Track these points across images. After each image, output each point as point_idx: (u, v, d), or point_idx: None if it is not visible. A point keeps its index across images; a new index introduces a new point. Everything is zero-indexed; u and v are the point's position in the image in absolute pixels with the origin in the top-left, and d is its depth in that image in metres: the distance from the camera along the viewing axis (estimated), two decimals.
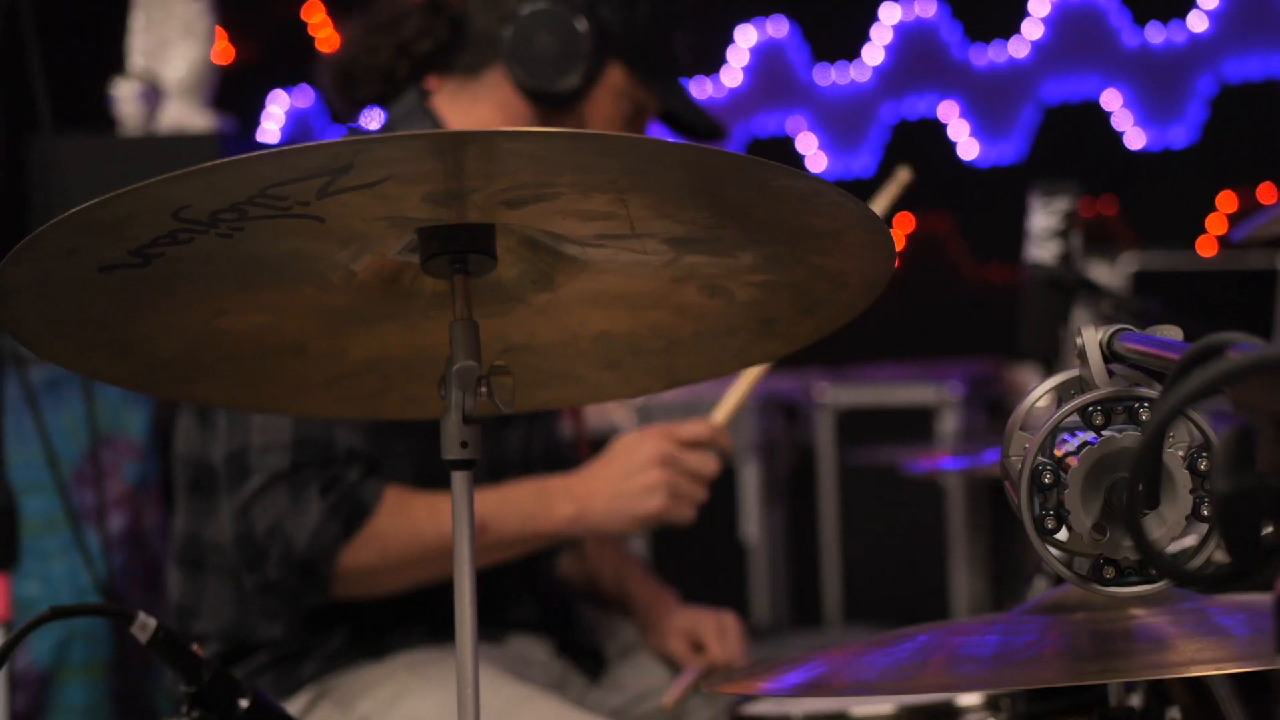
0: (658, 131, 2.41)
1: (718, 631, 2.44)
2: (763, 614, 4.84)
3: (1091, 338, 1.27)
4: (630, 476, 2.16)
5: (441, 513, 2.11)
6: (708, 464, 2.20)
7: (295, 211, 1.20)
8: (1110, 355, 1.26)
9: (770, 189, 1.25)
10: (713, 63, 5.89)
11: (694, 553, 4.88)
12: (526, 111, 2.26)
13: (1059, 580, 1.33)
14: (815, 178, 1.21)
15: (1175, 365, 0.95)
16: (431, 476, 2.18)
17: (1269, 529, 0.84)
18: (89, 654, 2.79)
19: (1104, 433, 1.23)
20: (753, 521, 4.85)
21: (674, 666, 2.42)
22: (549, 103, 2.24)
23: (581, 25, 2.19)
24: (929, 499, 4.67)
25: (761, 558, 4.87)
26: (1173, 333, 1.23)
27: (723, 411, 2.27)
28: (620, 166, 1.20)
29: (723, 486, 4.85)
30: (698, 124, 2.39)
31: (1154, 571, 1.21)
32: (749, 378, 2.29)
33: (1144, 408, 1.23)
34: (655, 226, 1.30)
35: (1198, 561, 1.20)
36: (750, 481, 4.80)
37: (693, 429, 2.20)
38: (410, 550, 2.12)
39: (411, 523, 2.12)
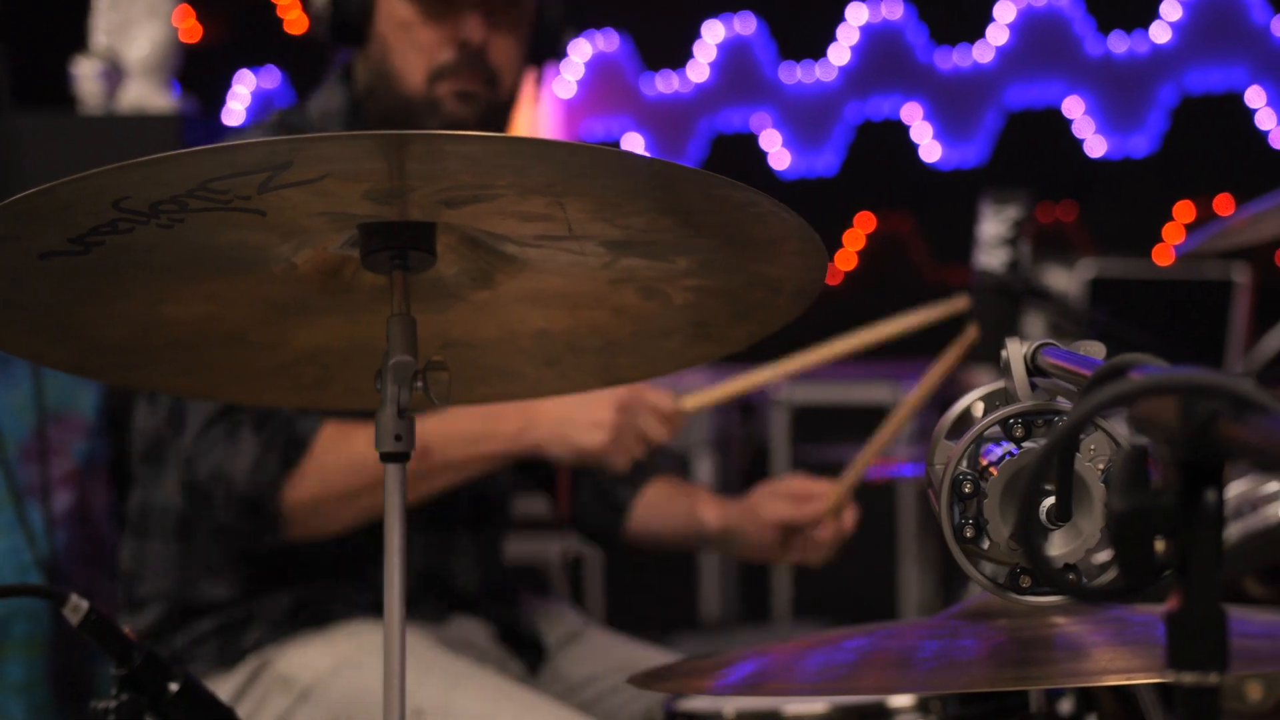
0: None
1: (805, 486, 2.46)
2: (712, 609, 4.87)
3: (1016, 351, 1.29)
4: (584, 408, 2.20)
5: None
6: (658, 430, 2.24)
7: (236, 205, 1.22)
8: (1034, 369, 1.28)
9: (708, 197, 1.26)
10: (679, 58, 5.91)
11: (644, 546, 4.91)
12: (354, 58, 2.31)
13: None
14: (751, 189, 1.23)
15: (1083, 384, 0.98)
16: None
17: (1161, 546, 0.87)
18: (30, 631, 2.79)
19: (1024, 444, 1.26)
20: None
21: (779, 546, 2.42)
22: (349, 42, 2.29)
23: None
24: (881, 498, 4.70)
25: (712, 553, 4.89)
26: (1095, 349, 1.25)
27: (693, 401, 2.31)
28: (557, 171, 1.22)
29: None
30: None
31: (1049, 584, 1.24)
32: (740, 385, 2.35)
33: (1063, 421, 1.26)
34: (593, 229, 1.31)
35: (1108, 575, 1.22)
36: (704, 476, 4.82)
37: (658, 397, 2.25)
38: (352, 480, 2.12)
39: (351, 452, 2.13)
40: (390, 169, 1.21)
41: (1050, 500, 1.20)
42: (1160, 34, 5.48)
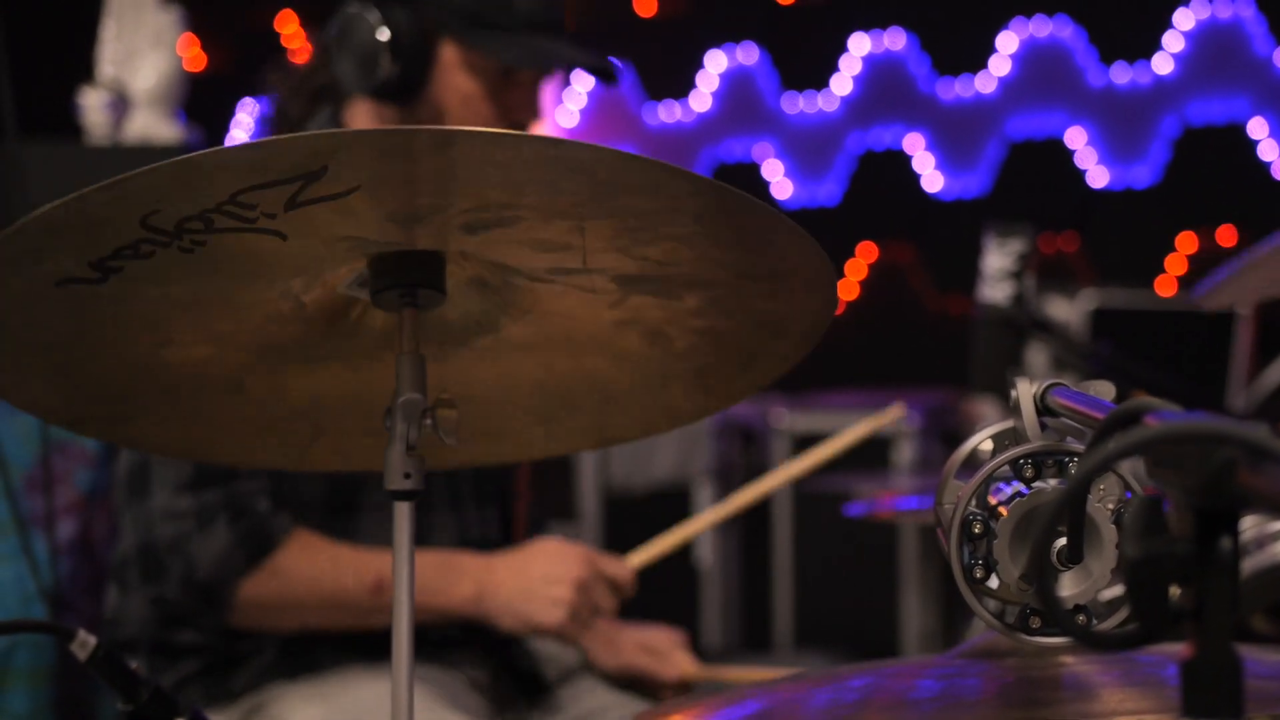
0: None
1: (671, 643, 2.50)
2: (714, 638, 4.87)
3: (1026, 391, 1.29)
4: (546, 584, 2.22)
5: (341, 565, 2.17)
6: (610, 603, 2.29)
7: (261, 225, 1.21)
8: (1043, 409, 1.29)
9: (727, 211, 1.26)
10: (682, 87, 5.93)
11: (646, 575, 4.90)
12: (386, 114, 2.29)
13: None
14: (772, 208, 1.24)
15: (1095, 428, 0.98)
16: (345, 493, 2.22)
17: (1176, 592, 0.87)
18: (33, 661, 2.79)
19: (1034, 485, 1.26)
20: (706, 545, 4.87)
21: (622, 685, 2.45)
22: (392, 98, 2.26)
23: (374, 17, 2.21)
24: (883, 529, 4.70)
25: (714, 582, 4.89)
26: (1104, 389, 1.25)
27: (639, 558, 2.36)
28: (584, 182, 1.21)
29: (677, 510, 4.89)
30: (584, 66, 2.37)
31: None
32: (677, 536, 2.42)
33: (1073, 462, 1.26)
34: (607, 261, 1.31)
35: (1117, 616, 1.22)
36: (705, 505, 4.82)
37: (615, 568, 2.28)
38: (308, 595, 2.17)
39: (313, 568, 2.16)
40: (421, 170, 1.19)
41: (1061, 541, 1.20)
42: (1163, 65, 5.50)
